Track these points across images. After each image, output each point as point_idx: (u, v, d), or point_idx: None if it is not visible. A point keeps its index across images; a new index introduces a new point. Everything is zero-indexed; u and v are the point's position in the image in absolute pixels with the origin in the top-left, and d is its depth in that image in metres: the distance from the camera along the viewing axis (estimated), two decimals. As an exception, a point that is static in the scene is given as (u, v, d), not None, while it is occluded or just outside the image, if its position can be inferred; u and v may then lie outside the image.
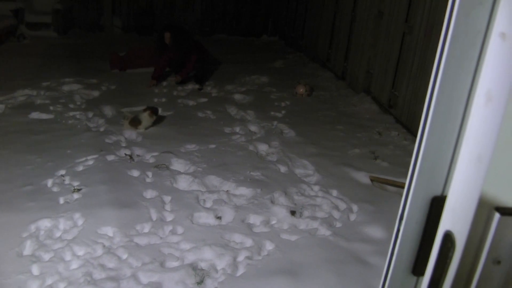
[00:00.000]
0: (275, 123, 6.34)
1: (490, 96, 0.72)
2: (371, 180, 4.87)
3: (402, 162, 5.28)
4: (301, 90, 7.60)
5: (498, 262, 0.74)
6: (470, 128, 0.77)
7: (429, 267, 0.86)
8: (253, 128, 6.17)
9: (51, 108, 6.51)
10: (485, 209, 0.73)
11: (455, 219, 0.80)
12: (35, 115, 6.25)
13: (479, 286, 0.77)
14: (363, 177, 4.91)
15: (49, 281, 3.30)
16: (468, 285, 0.78)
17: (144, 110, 5.94)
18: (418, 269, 0.96)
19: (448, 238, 0.80)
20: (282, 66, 9.69)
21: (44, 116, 6.25)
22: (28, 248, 3.66)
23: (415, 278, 0.98)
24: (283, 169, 5.04)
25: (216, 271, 3.47)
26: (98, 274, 3.40)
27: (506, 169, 0.71)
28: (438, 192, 0.89)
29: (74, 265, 3.49)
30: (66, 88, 7.35)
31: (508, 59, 0.69)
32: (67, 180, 4.62)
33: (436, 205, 0.89)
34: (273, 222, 4.10)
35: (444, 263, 0.81)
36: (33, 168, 4.81)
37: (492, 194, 0.72)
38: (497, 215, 0.71)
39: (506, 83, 0.68)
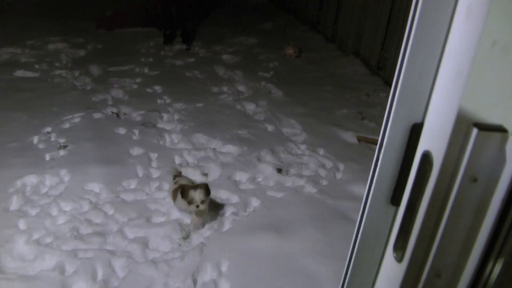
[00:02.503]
0: (263, 83, 6.29)
1: (470, 11, 0.70)
2: (358, 140, 4.88)
3: (389, 123, 5.27)
4: (290, 51, 7.54)
5: (475, 180, 0.74)
6: (450, 45, 0.76)
7: (407, 191, 0.86)
8: (240, 88, 6.12)
9: (37, 66, 6.41)
10: (463, 125, 0.72)
11: (433, 138, 0.79)
12: (20, 73, 6.16)
13: (454, 206, 0.77)
14: (350, 137, 4.92)
15: (35, 236, 3.31)
16: (444, 206, 0.78)
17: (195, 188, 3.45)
18: (396, 198, 0.96)
19: (426, 159, 0.79)
20: (271, 28, 9.57)
21: (29, 74, 6.16)
22: (14, 203, 3.65)
23: (393, 208, 0.98)
24: (270, 128, 5.03)
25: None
26: (85, 229, 3.41)
27: (484, 84, 0.70)
28: (418, 119, 0.88)
29: (61, 220, 3.50)
30: (51, 47, 7.23)
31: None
32: (53, 137, 4.58)
33: (416, 132, 0.88)
34: (260, 179, 4.11)
35: (421, 185, 0.81)
36: (18, 125, 4.77)
37: (470, 110, 0.71)
38: (475, 131, 0.71)
39: (486, -4, 0.67)
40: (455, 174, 0.75)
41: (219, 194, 3.87)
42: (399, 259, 0.89)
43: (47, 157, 4.25)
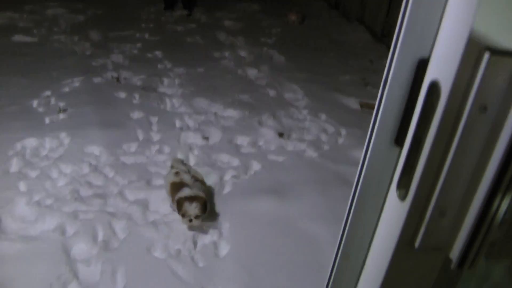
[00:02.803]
0: (265, 49, 6.21)
1: None
2: (361, 106, 4.83)
3: (392, 89, 5.22)
4: (293, 17, 7.43)
5: (485, 108, 0.70)
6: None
7: (412, 127, 0.82)
8: (242, 53, 6.04)
9: (35, 31, 6.33)
10: (474, 50, 0.68)
11: (442, 66, 0.75)
12: (18, 37, 6.08)
13: (462, 138, 0.73)
14: (353, 103, 4.87)
15: (36, 197, 3.31)
16: (451, 140, 0.75)
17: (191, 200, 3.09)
18: (401, 138, 0.92)
19: (433, 89, 0.76)
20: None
21: (27, 39, 6.08)
22: (14, 165, 3.64)
23: (398, 148, 0.95)
24: (272, 93, 4.98)
25: (203, 189, 3.48)
26: (85, 191, 3.40)
27: (499, 5, 0.66)
28: (425, 54, 0.84)
29: (61, 182, 3.49)
30: (50, 12, 7.12)
31: None
32: (52, 101, 4.55)
33: (423, 68, 0.84)
34: (261, 143, 4.08)
35: (428, 118, 0.77)
36: (18, 89, 4.72)
37: (482, 34, 0.67)
38: (486, 55, 0.67)
39: None
40: (463, 102, 0.71)
41: (220, 158, 3.85)
42: (403, 197, 0.86)
43: (47, 120, 4.22)
